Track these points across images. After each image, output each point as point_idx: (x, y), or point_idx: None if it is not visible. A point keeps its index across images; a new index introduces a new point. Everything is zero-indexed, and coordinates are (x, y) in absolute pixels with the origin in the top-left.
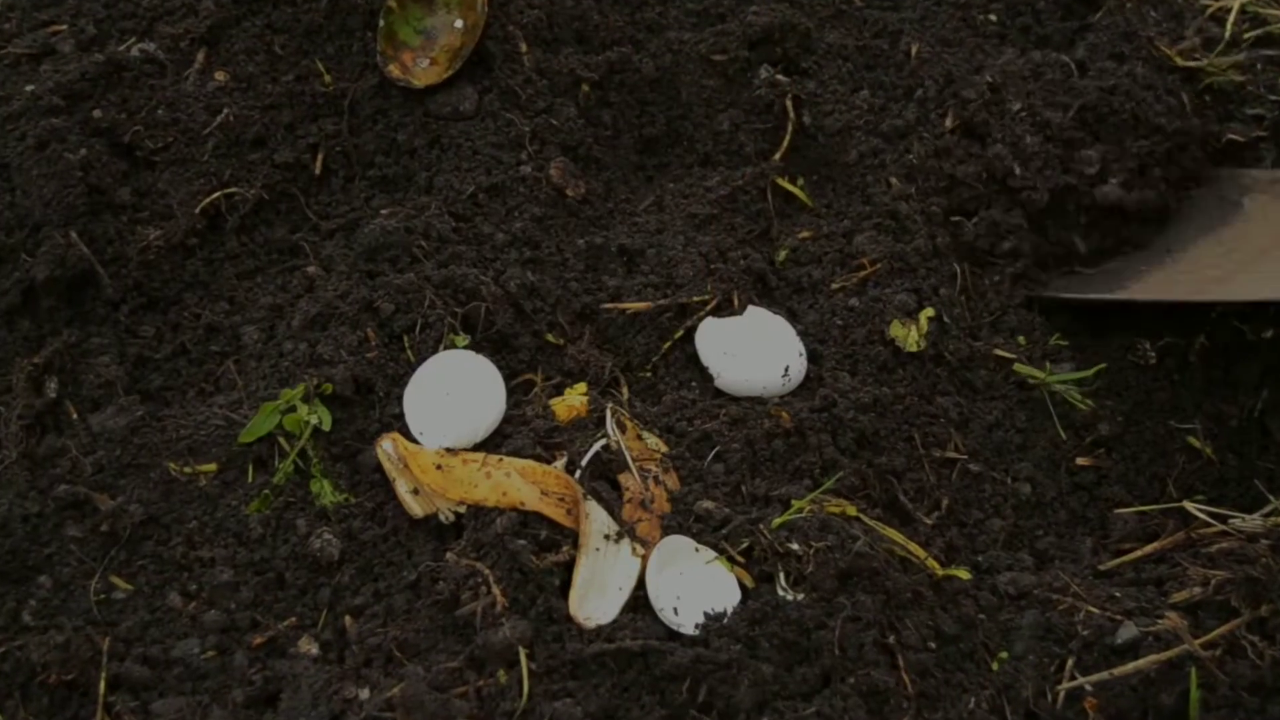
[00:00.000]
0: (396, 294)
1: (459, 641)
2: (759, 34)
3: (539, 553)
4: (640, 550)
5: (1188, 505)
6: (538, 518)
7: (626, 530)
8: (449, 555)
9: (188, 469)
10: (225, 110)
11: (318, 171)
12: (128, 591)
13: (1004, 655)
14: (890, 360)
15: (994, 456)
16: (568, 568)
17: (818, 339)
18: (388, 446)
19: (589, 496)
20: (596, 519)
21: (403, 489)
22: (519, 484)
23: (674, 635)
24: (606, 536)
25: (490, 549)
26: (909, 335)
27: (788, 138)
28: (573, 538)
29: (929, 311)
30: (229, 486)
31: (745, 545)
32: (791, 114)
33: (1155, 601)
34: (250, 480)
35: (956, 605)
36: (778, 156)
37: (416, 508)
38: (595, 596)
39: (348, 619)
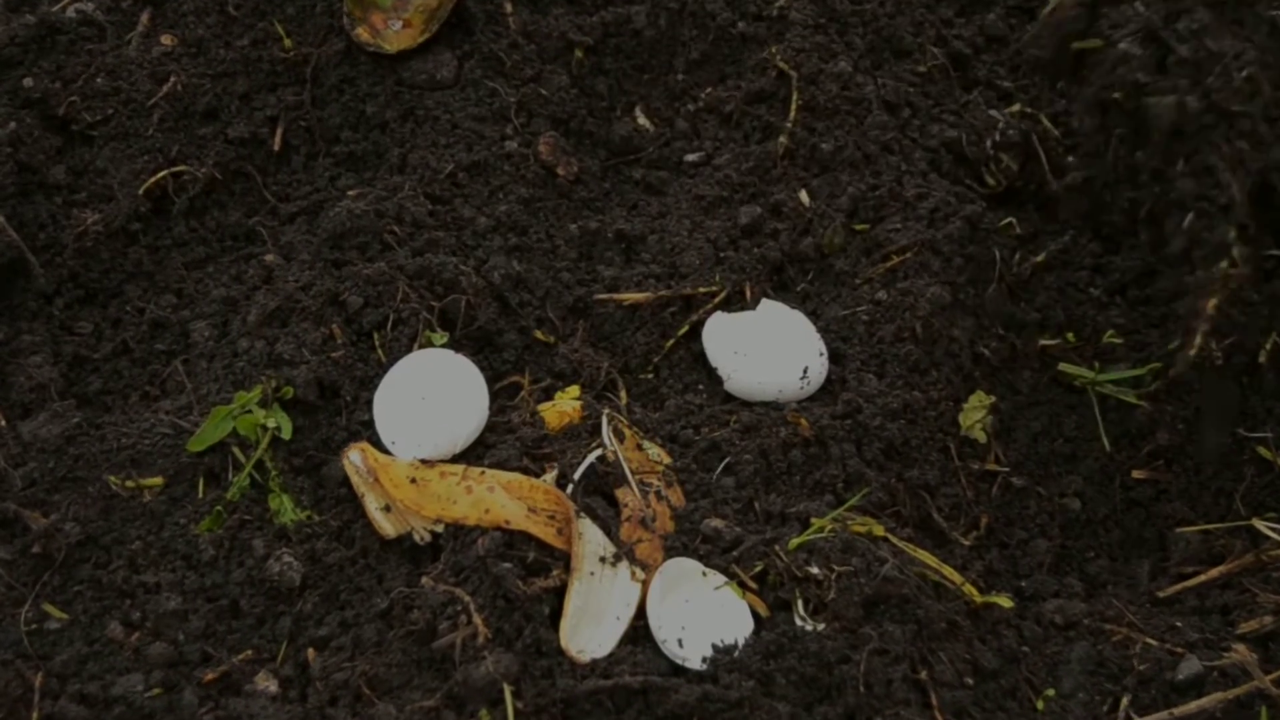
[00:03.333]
0: (365, 285)
1: (436, 677)
2: None
3: (526, 577)
4: (640, 574)
5: (1257, 523)
6: (525, 538)
7: (625, 552)
8: (424, 580)
9: (130, 483)
10: (172, 79)
11: (277, 147)
12: (63, 621)
13: (1050, 693)
14: (922, 360)
15: (1039, 469)
16: (559, 594)
17: (840, 336)
18: (355, 458)
19: (582, 514)
20: (591, 539)
21: (372, 506)
22: (503, 500)
23: (678, 670)
24: (602, 559)
25: (471, 573)
26: (943, 334)
27: (794, 110)
28: (564, 561)
29: (966, 307)
30: (176, 503)
31: (759, 569)
32: (796, 81)
33: (1221, 632)
34: (201, 496)
35: (997, 636)
36: (784, 133)
37: (388, 526)
38: (590, 627)
39: (311, 652)
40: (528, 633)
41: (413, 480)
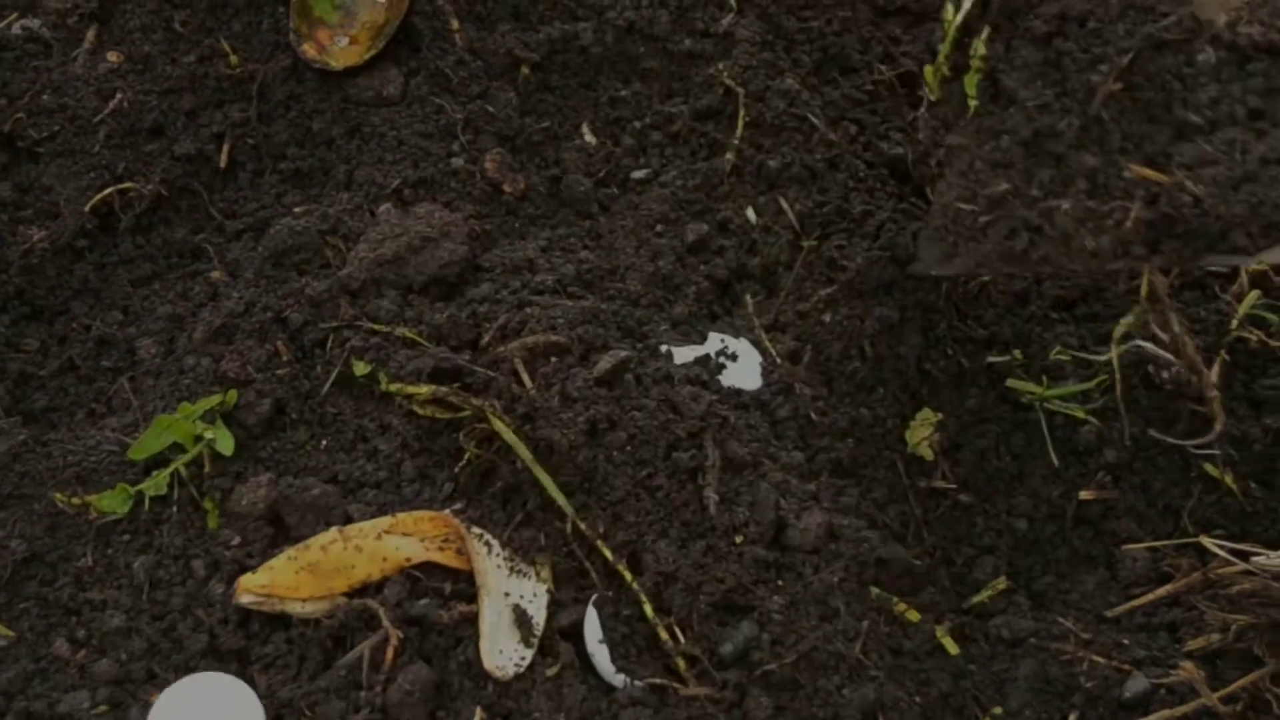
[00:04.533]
0: (309, 304)
1: (371, 699)
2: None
3: (447, 604)
4: (546, 574)
5: (1205, 541)
6: (433, 567)
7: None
8: (354, 601)
9: (76, 500)
10: (119, 95)
11: (223, 164)
12: (8, 639)
13: (997, 710)
14: (869, 378)
15: (986, 486)
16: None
17: (788, 354)
18: (247, 600)
19: (473, 528)
20: (488, 552)
21: (295, 610)
22: (395, 542)
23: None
24: (509, 568)
25: (395, 612)
26: (890, 352)
27: (740, 127)
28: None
29: (913, 325)
30: (122, 520)
31: None
32: (743, 98)
33: (1168, 650)
34: (146, 512)
35: (944, 654)
36: (731, 150)
37: (320, 608)
38: (508, 640)
39: (256, 671)
40: (459, 654)
41: (300, 571)
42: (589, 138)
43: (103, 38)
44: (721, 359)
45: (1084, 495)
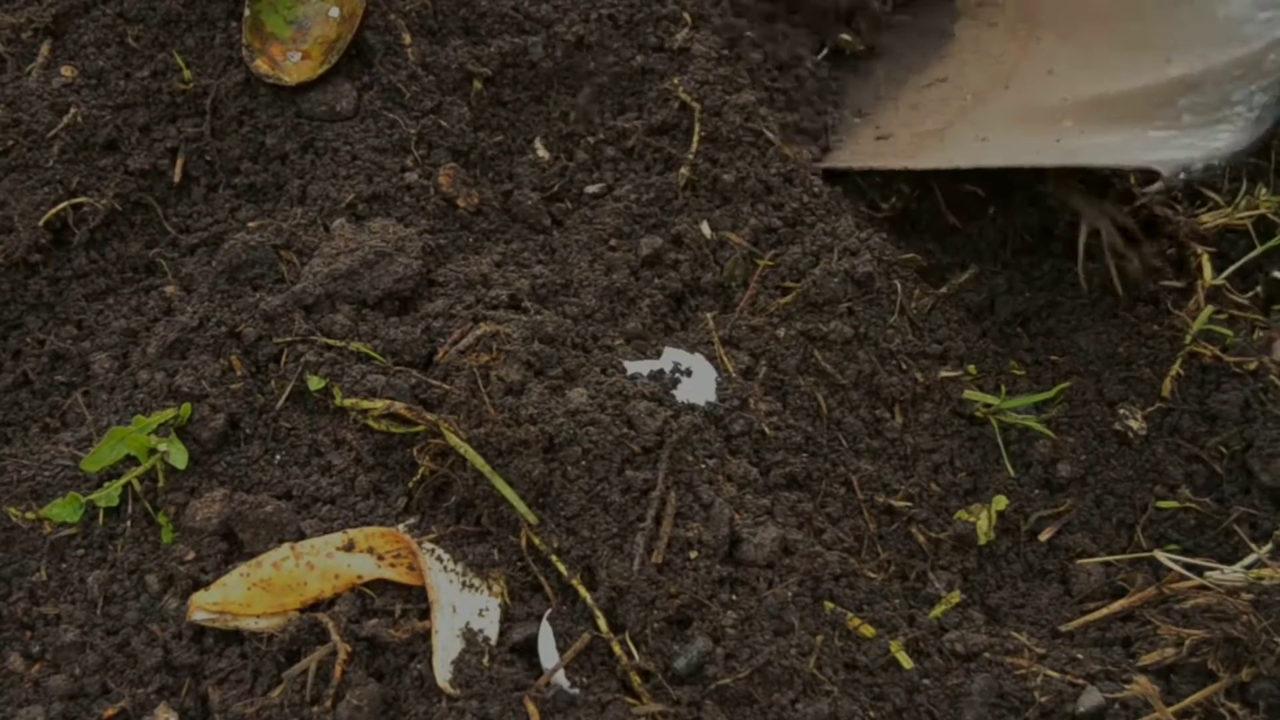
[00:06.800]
0: (263, 319)
1: (323, 713)
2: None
3: (398, 622)
4: (499, 588)
5: (1159, 555)
6: (385, 584)
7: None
8: (309, 617)
9: (30, 514)
10: (73, 110)
11: (177, 179)
12: None
13: None
14: (825, 393)
15: (940, 501)
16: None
17: (743, 369)
18: (200, 617)
19: (424, 545)
20: (439, 568)
21: (249, 626)
22: (347, 560)
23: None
24: (461, 582)
25: (347, 630)
26: (845, 367)
27: (695, 141)
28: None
29: (867, 340)
30: (76, 534)
31: None
32: (699, 113)
33: (1122, 664)
34: (100, 526)
35: (898, 668)
36: (686, 164)
37: (274, 624)
38: (460, 655)
39: (210, 687)
40: (410, 670)
41: (253, 588)
42: (542, 152)
43: (56, 53)
44: (676, 373)
45: (1040, 514)
